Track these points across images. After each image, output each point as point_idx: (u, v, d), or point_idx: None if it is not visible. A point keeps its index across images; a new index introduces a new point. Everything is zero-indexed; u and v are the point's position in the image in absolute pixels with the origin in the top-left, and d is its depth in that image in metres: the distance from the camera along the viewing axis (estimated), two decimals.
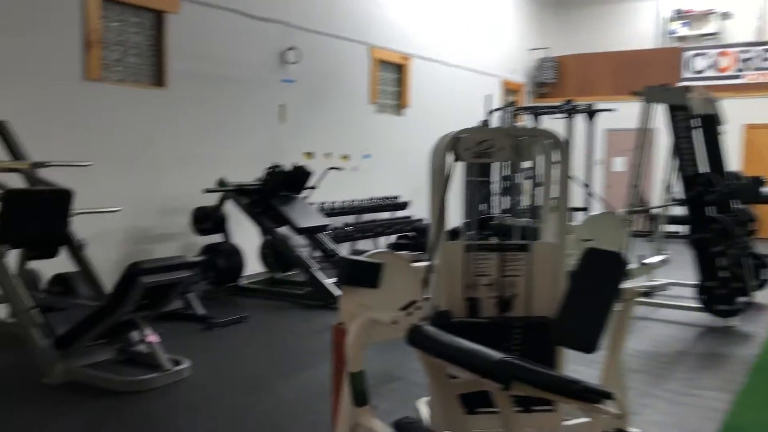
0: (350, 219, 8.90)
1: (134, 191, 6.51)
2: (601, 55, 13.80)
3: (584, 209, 11.89)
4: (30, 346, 4.10)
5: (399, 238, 6.40)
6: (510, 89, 13.56)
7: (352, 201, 8.91)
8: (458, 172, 11.74)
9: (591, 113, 11.40)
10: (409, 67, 10.54)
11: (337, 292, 6.00)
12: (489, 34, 12.54)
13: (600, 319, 2.37)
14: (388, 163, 9.98)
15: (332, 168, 7.39)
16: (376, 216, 9.42)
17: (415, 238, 6.65)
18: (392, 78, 10.38)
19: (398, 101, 10.47)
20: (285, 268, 7.11)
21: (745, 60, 12.35)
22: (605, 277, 2.48)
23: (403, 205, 9.73)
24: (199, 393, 3.85)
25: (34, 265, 5.20)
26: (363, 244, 9.13)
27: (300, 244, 6.87)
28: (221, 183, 6.73)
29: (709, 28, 13.61)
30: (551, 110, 11.58)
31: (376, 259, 2.51)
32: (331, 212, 8.36)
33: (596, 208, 9.47)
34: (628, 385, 3.05)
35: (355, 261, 2.45)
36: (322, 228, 6.71)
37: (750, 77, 12.33)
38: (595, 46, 14.24)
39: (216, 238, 6.82)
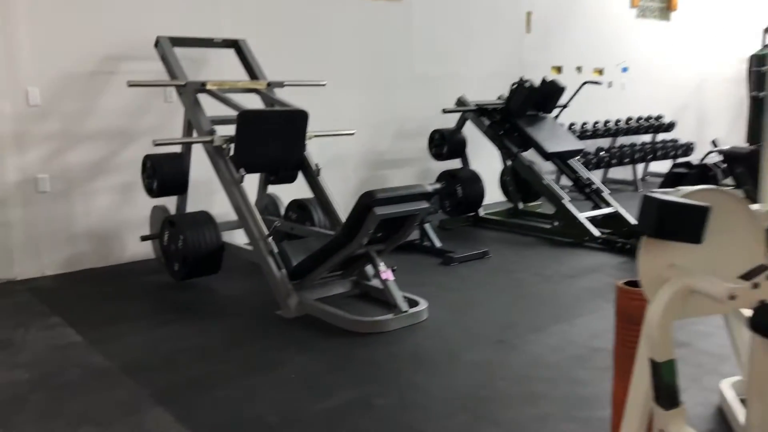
0: (603, 143, 7.81)
1: (368, 113, 6.14)
2: None
3: None
4: (266, 275, 3.90)
5: (675, 166, 5.28)
6: None
7: (606, 122, 7.79)
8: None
9: None
10: None
11: (594, 230, 5.28)
12: None
13: None
14: (648, 78, 8.60)
15: (589, 82, 6.37)
16: (633, 139, 8.21)
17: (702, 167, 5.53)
18: None
19: (665, 3, 8.90)
20: (527, 197, 6.38)
21: None
22: None
23: (668, 127, 8.36)
24: (437, 342, 3.35)
25: (273, 190, 5.09)
26: (618, 172, 8.03)
27: (546, 171, 6.06)
28: (460, 102, 6.10)
29: None
30: None
31: (699, 199, 1.70)
32: (582, 135, 7.37)
33: None
34: None
35: (670, 202, 1.66)
36: (575, 153, 5.82)
37: None
38: None
39: (453, 163, 6.28)
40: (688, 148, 8.24)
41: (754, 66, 9.01)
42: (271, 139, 4.21)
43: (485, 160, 6.39)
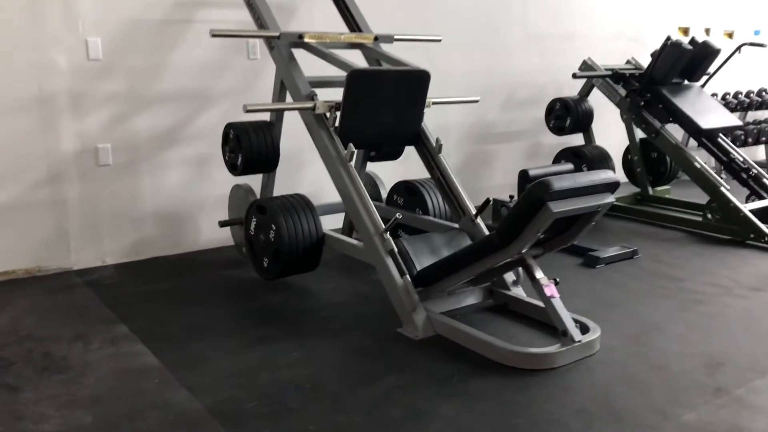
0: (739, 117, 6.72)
1: (475, 77, 5.21)
2: None
3: None
4: (383, 281, 3.06)
5: None
6: None
7: (737, 94, 6.68)
8: None
9: None
10: None
11: (762, 226, 4.15)
12: None
13: None
14: None
15: (748, 44, 5.30)
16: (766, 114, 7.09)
17: None
18: None
19: None
20: (656, 181, 5.40)
21: None
22: None
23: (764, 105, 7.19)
24: (631, 389, 2.45)
25: (372, 168, 4.25)
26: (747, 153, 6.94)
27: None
28: (587, 66, 5.12)
29: None
30: None
31: None
32: None
33: None
34: None
35: None
36: (732, 129, 4.81)
37: None
38: None
39: (569, 139, 5.33)
40: None
41: None
42: (386, 106, 3.35)
43: (604, 134, 5.41)
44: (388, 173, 4.34)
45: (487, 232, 3.30)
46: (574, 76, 4.83)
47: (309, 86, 3.44)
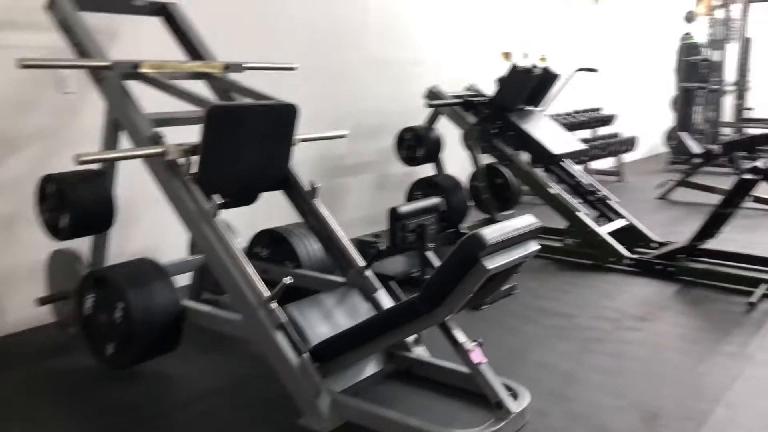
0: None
1: (320, 107, 4.80)
2: None
3: None
4: (273, 362, 2.51)
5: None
6: None
7: (581, 111, 7.02)
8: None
9: None
10: None
11: (621, 249, 4.19)
12: None
13: None
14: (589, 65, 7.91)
15: (582, 69, 5.45)
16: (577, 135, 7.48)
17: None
18: None
19: None
20: (504, 206, 5.36)
21: None
22: None
23: (608, 120, 7.72)
24: None
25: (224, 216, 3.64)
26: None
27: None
28: (434, 94, 4.93)
29: None
30: None
31: None
32: None
33: None
34: None
35: None
36: (579, 154, 4.87)
37: None
38: None
39: (421, 168, 5.13)
40: (631, 144, 7.67)
41: (684, 56, 8.67)
42: (253, 146, 2.83)
43: (446, 161, 5.27)
44: (243, 221, 3.77)
45: (378, 286, 2.90)
46: (430, 105, 4.60)
47: (151, 125, 2.81)
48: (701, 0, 10.05)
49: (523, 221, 2.36)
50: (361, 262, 2.95)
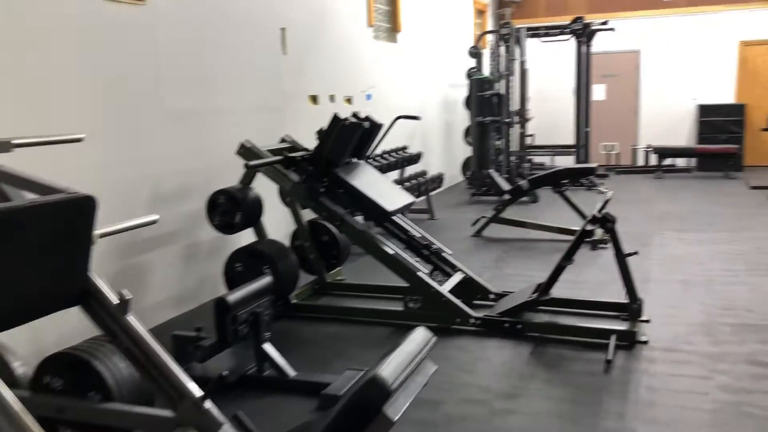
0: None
1: (112, 173, 4.00)
2: None
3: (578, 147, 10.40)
4: None
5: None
6: (478, 9, 11.59)
7: (389, 152, 6.78)
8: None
9: (590, 34, 9.82)
10: None
11: (467, 308, 3.96)
12: None
13: None
14: (387, 104, 7.80)
15: (403, 117, 5.16)
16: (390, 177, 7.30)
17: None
18: None
19: (391, 24, 8.22)
20: (332, 265, 4.93)
21: None
22: None
23: (415, 158, 7.65)
24: None
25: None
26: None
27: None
28: (247, 150, 4.35)
29: None
30: (554, 30, 9.86)
31: None
32: None
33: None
34: None
35: None
36: (410, 207, 4.57)
37: None
38: None
39: (238, 236, 4.51)
40: (440, 181, 7.66)
41: (475, 91, 8.92)
42: (31, 258, 2.07)
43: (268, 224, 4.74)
44: (26, 338, 2.89)
45: (221, 420, 2.28)
46: (248, 167, 4.00)
47: None
48: (482, 37, 10.53)
49: (417, 340, 1.90)
50: (196, 390, 2.30)
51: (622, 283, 3.85)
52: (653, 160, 11.14)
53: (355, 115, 4.48)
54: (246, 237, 4.63)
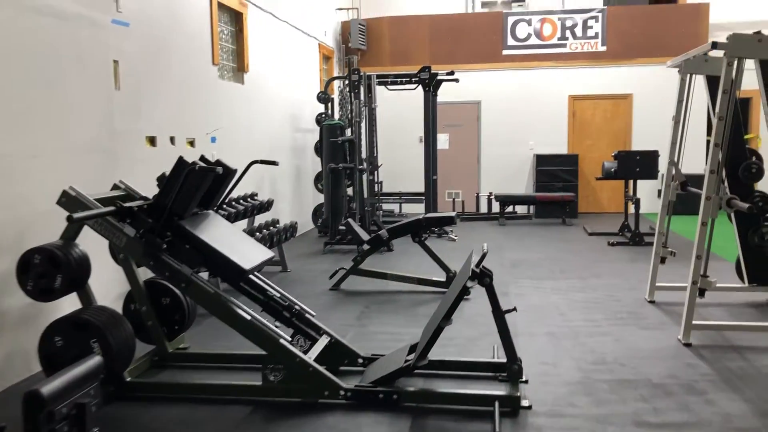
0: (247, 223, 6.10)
1: None
2: (414, 19, 12.34)
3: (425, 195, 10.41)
4: None
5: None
6: (325, 54, 11.41)
7: (237, 199, 6.16)
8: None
9: (437, 83, 9.93)
10: (247, 16, 7.83)
11: (335, 378, 3.38)
12: None
13: None
14: (234, 148, 7.24)
15: (259, 162, 4.63)
16: (236, 225, 6.70)
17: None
18: (229, 31, 7.58)
19: (237, 63, 7.71)
20: (175, 332, 4.27)
21: (568, 28, 11.89)
22: None
23: (267, 206, 7.12)
24: None
25: None
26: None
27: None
28: (70, 198, 3.64)
29: None
30: (402, 78, 9.85)
31: None
32: None
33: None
34: None
35: None
36: (268, 262, 4.04)
37: (572, 45, 11.91)
38: (407, 9, 12.74)
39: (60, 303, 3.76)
40: (293, 230, 7.17)
41: (326, 136, 8.61)
42: None
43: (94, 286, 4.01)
44: None
45: None
46: (71, 220, 3.27)
47: None
48: (331, 82, 10.31)
49: None
50: None
51: (501, 342, 3.59)
52: (496, 207, 11.42)
53: (203, 158, 3.93)
54: (69, 303, 3.87)
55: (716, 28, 11.44)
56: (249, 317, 3.63)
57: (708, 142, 11.84)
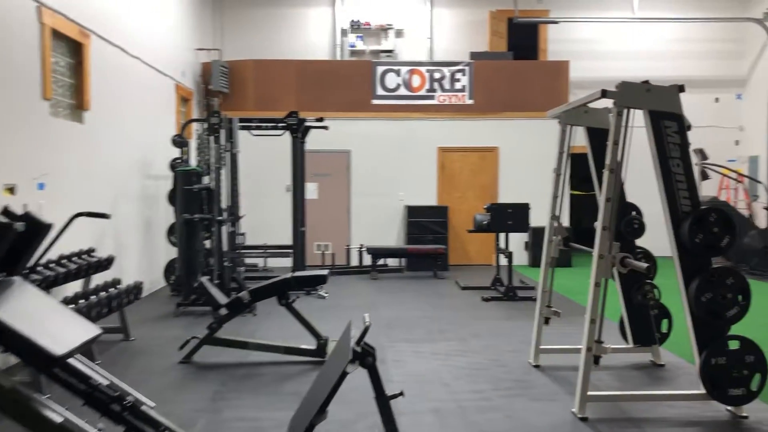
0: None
1: None
2: (281, 63, 11.82)
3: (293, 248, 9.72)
4: None
5: None
6: (183, 96, 10.56)
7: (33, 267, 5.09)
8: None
9: (305, 130, 9.40)
10: (90, 48, 6.90)
11: None
12: (151, 19, 9.29)
13: None
14: (69, 197, 6.21)
15: (85, 214, 3.75)
16: (66, 287, 5.66)
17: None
18: (66, 63, 6.61)
19: (76, 100, 6.74)
20: None
21: (436, 80, 11.83)
22: None
23: (106, 264, 6.13)
24: None
25: None
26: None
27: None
28: None
29: (387, 44, 12.84)
30: (268, 123, 9.22)
31: None
32: None
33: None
34: None
35: None
36: (93, 342, 3.18)
37: (440, 98, 11.84)
38: (272, 52, 12.20)
39: None
40: (137, 291, 6.20)
41: (181, 184, 7.76)
42: None
43: None
44: None
45: None
46: None
47: None
48: (188, 125, 9.47)
49: None
50: None
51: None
52: (367, 259, 10.92)
53: (6, 211, 3.05)
54: None
55: (576, 85, 11.82)
56: (60, 419, 2.76)
57: (573, 195, 12.19)
